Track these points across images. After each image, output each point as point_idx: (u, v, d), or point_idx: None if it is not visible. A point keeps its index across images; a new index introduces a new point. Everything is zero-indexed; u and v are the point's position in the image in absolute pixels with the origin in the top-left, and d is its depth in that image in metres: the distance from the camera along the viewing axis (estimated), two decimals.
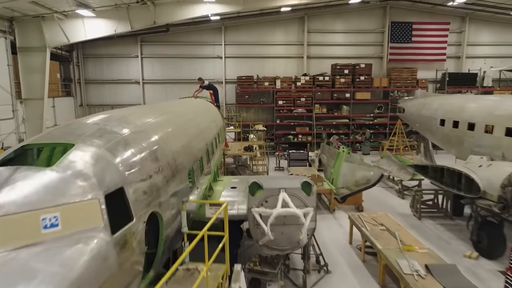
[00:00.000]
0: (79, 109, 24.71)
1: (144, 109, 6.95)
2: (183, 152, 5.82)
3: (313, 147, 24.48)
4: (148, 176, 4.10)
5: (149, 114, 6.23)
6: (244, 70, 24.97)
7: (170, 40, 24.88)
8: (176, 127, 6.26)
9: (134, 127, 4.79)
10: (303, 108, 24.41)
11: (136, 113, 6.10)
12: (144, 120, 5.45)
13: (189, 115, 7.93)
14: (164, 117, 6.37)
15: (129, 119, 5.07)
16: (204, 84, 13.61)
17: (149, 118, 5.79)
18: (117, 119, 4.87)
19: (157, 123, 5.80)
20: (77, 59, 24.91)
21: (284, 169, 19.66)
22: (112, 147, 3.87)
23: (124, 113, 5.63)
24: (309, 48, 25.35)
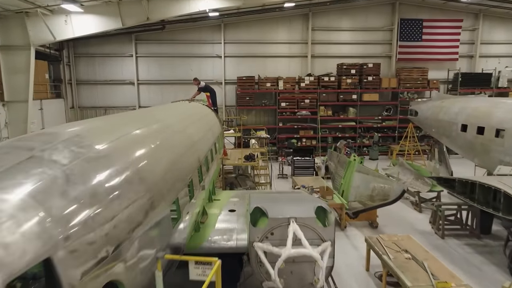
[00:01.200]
0: (70, 111, 23.33)
1: (119, 120, 5.51)
2: (165, 180, 4.42)
3: (318, 151, 23.07)
4: (102, 233, 2.71)
5: (123, 127, 4.83)
6: (244, 70, 23.59)
7: (166, 38, 23.51)
8: (158, 144, 4.85)
9: (90, 151, 3.39)
10: (307, 110, 23.02)
11: (103, 126, 4.72)
12: (112, 137, 4.05)
13: (179, 125, 6.52)
14: (143, 130, 4.96)
15: (87, 137, 3.65)
16: (200, 85, 12.24)
17: (120, 133, 4.38)
18: (68, 138, 3.45)
19: (131, 141, 4.38)
20: (68, 58, 23.53)
21: (287, 176, 18.29)
22: (41, 191, 2.50)
23: (84, 127, 4.24)
24: (314, 47, 23.95)
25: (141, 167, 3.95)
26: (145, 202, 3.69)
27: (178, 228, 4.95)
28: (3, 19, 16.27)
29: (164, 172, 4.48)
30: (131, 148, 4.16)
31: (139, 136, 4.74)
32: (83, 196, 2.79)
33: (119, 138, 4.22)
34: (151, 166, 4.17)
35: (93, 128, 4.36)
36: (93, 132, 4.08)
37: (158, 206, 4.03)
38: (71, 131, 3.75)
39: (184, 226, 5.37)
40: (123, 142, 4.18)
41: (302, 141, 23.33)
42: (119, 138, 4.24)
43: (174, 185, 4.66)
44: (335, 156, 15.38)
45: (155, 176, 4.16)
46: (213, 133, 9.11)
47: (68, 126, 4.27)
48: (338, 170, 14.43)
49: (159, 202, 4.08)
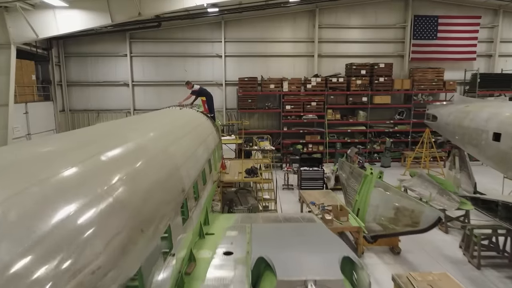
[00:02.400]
0: (59, 115, 21.81)
1: (75, 140, 3.92)
2: (129, 236, 2.85)
3: (326, 158, 21.47)
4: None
5: (76, 152, 3.26)
6: (246, 71, 22.00)
7: (162, 36, 21.95)
8: (125, 178, 3.28)
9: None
10: (313, 114, 21.40)
11: (51, 148, 3.15)
12: (45, 173, 2.50)
13: (158, 143, 4.91)
14: (100, 158, 3.37)
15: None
16: (194, 88, 10.64)
17: (67, 163, 2.83)
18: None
19: (80, 178, 2.83)
20: (58, 58, 22.03)
21: (293, 187, 16.69)
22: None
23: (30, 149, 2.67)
24: (321, 46, 22.33)
25: (87, 221, 2.38)
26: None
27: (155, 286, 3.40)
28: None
29: (128, 224, 2.89)
30: (66, 196, 2.55)
31: (95, 165, 3.14)
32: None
33: (57, 175, 2.64)
34: (104, 219, 2.58)
35: (37, 152, 2.80)
36: (32, 158, 2.50)
37: (115, 275, 2.48)
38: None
39: (163, 281, 3.79)
40: (61, 183, 2.60)
41: (308, 146, 21.73)
42: (57, 174, 2.65)
43: (142, 241, 3.07)
44: (347, 167, 13.77)
45: (111, 232, 2.59)
46: (208, 148, 7.53)
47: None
48: (351, 182, 12.83)
49: (115, 271, 2.53)
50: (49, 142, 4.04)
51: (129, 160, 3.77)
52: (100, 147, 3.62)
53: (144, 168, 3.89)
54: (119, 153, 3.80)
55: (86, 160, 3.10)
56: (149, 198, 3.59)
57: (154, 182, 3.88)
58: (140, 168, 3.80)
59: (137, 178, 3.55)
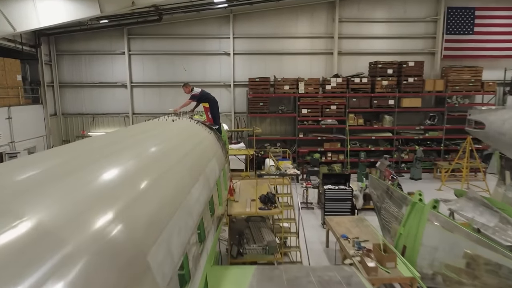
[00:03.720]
0: (50, 119, 19.64)
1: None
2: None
3: (346, 168, 19.00)
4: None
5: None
6: (257, 70, 19.64)
7: (164, 32, 19.69)
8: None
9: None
10: (333, 118, 18.95)
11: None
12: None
13: (139, 185, 2.70)
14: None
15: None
16: (193, 92, 8.32)
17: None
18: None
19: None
20: (49, 56, 19.89)
21: (313, 205, 14.27)
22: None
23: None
24: (341, 42, 19.85)
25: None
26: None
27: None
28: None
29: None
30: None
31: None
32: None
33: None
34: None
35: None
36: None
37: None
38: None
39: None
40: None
41: (327, 155, 19.28)
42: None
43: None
44: (381, 185, 11.31)
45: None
46: (210, 181, 5.20)
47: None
48: (389, 206, 10.38)
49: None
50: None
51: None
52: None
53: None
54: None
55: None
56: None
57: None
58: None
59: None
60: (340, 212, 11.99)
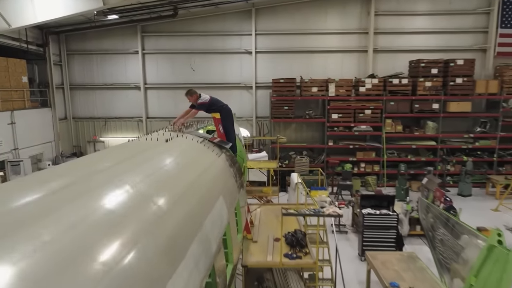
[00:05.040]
0: (60, 124, 18.36)
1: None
2: None
3: (382, 181, 16.74)
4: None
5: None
6: (282, 70, 17.67)
7: (180, 29, 18.03)
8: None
9: None
10: (367, 124, 16.74)
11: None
12: None
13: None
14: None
15: None
16: (200, 100, 6.41)
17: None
18: None
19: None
20: (59, 56, 18.62)
21: (346, 228, 12.15)
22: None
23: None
24: (377, 38, 17.59)
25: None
26: None
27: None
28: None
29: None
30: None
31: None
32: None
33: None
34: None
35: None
36: None
37: None
38: None
39: None
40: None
41: (360, 166, 17.06)
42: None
43: None
44: (436, 212, 9.09)
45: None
46: (210, 241, 3.32)
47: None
48: (447, 239, 8.17)
49: None
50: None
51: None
52: None
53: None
54: None
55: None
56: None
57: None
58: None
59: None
60: (382, 243, 9.85)
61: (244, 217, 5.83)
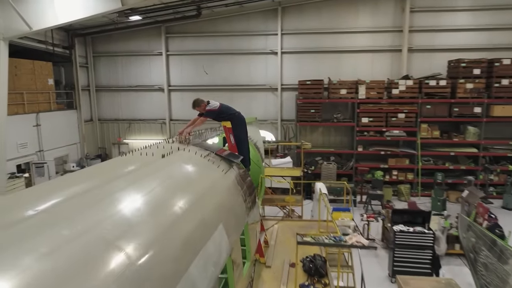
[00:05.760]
0: (85, 125, 18.45)
1: None
2: None
3: (416, 190, 15.55)
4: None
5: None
6: (309, 71, 16.85)
7: (204, 30, 17.60)
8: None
9: None
10: (401, 129, 15.61)
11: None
12: None
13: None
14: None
15: None
16: (210, 107, 5.77)
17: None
18: None
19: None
20: (85, 59, 18.71)
21: (376, 244, 11.18)
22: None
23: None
24: (412, 36, 16.39)
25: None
26: None
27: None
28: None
29: None
30: None
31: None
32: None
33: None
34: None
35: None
36: None
37: None
38: None
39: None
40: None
41: (392, 174, 15.94)
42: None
43: None
44: (479, 233, 8.03)
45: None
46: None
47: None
48: (492, 264, 7.16)
49: None
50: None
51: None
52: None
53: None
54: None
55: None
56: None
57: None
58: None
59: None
60: (416, 263, 8.87)
61: (255, 239, 5.15)
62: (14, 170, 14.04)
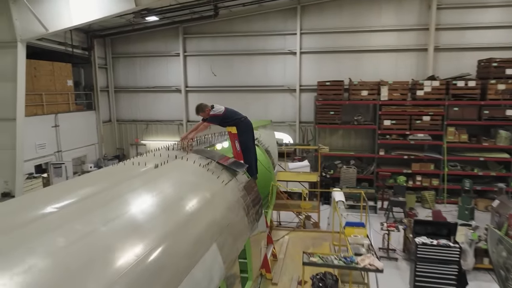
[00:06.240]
0: (104, 126, 18.55)
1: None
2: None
3: (442, 196, 14.73)
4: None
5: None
6: (329, 72, 16.29)
7: (221, 30, 17.33)
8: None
9: None
10: (425, 132, 14.82)
11: None
12: None
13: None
14: None
15: None
16: (215, 111, 5.43)
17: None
18: None
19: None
20: (105, 60, 18.82)
21: (396, 254, 10.57)
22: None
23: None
24: (439, 34, 15.55)
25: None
26: None
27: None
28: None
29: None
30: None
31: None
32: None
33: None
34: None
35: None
36: None
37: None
38: None
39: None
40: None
41: (416, 179, 15.16)
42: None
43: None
44: (510, 248, 7.37)
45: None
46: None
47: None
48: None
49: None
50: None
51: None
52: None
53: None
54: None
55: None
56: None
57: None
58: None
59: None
60: (440, 279, 8.23)
61: (258, 254, 4.74)
62: (32, 171, 14.19)
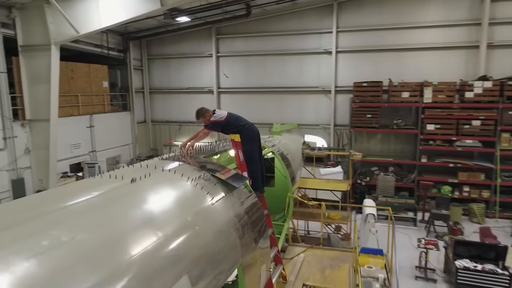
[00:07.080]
0: (138, 127, 18.81)
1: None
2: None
3: (494, 210, 13.22)
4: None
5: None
6: (366, 72, 15.27)
7: (254, 30, 16.88)
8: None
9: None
10: (475, 139, 13.38)
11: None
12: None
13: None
14: None
15: None
16: (216, 117, 4.94)
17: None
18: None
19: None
20: (140, 61, 19.08)
21: (436, 274, 9.46)
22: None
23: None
24: (493, 30, 13.99)
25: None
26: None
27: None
28: (23, 10, 12.06)
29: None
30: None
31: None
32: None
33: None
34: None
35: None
36: None
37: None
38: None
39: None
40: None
41: (463, 190, 13.74)
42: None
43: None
44: None
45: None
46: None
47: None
48: None
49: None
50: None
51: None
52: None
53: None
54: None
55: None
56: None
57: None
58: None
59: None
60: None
61: (257, 281, 4.16)
62: (67, 170, 14.59)
